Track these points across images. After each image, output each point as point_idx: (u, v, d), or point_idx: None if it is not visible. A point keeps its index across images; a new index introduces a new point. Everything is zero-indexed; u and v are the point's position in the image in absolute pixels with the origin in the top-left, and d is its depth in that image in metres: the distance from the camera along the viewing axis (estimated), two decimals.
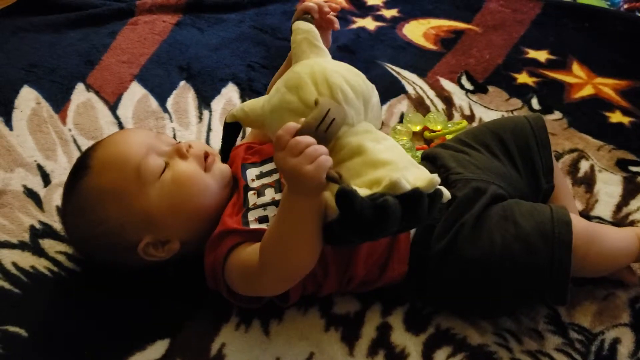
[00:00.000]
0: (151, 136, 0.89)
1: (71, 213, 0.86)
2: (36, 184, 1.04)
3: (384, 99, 1.21)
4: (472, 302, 0.84)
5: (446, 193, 0.70)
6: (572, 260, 0.79)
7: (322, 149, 0.68)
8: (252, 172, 0.89)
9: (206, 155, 0.88)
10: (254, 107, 0.80)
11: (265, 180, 0.87)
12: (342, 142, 0.72)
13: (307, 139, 0.68)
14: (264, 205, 0.84)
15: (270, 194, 0.85)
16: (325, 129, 0.69)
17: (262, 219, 0.82)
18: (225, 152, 0.91)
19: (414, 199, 0.66)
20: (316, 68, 0.76)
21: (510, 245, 0.80)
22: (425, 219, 0.69)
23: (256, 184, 0.87)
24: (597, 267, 0.86)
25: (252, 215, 0.83)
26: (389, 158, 0.71)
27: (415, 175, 0.69)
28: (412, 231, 0.84)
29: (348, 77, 0.75)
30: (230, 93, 1.23)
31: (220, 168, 0.88)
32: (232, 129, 0.88)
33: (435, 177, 0.68)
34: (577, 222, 0.83)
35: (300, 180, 0.67)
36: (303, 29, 0.83)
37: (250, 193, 0.86)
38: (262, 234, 0.77)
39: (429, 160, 0.94)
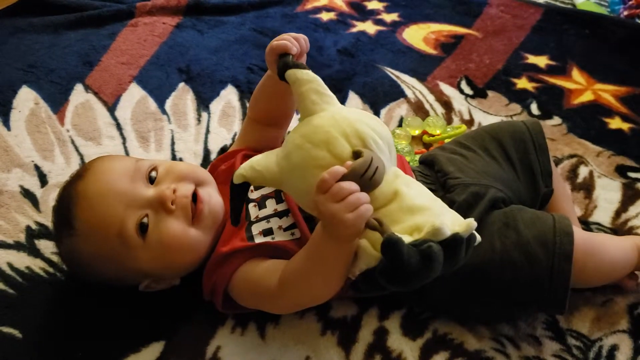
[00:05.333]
0: (129, 175, 0.82)
1: (67, 260, 0.86)
2: (33, 184, 1.03)
3: (383, 103, 1.22)
4: (469, 308, 0.84)
5: (478, 237, 0.69)
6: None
7: (365, 197, 0.66)
8: None
9: (196, 196, 0.82)
10: (268, 164, 0.73)
11: (264, 191, 0.86)
12: (380, 191, 0.70)
13: (351, 185, 0.65)
14: (266, 218, 0.83)
15: (271, 206, 0.84)
16: (371, 177, 0.67)
17: (267, 232, 0.81)
18: (237, 215, 0.77)
19: (455, 244, 0.65)
20: (340, 120, 0.71)
21: (510, 252, 0.79)
22: (462, 263, 0.68)
23: (255, 195, 0.86)
24: (595, 278, 0.86)
25: (255, 229, 0.82)
26: (424, 203, 0.69)
27: (453, 220, 0.68)
28: None
29: (372, 124, 0.72)
30: (229, 95, 1.23)
31: (212, 211, 0.83)
32: (240, 189, 0.75)
33: (472, 222, 0.67)
34: (579, 233, 0.83)
35: (338, 227, 0.66)
36: (305, 79, 0.74)
37: (251, 205, 0.85)
38: (268, 248, 0.78)
39: (427, 164, 0.94)
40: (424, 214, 0.68)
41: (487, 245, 0.80)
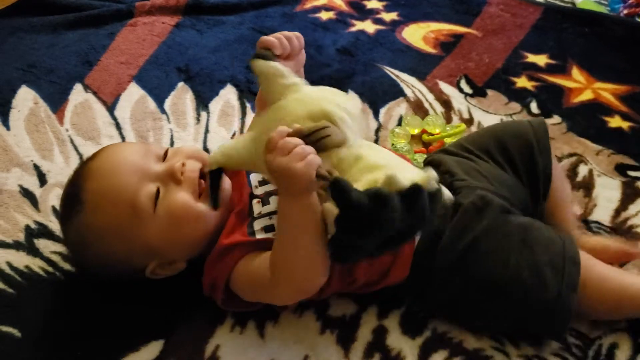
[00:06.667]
0: (141, 153, 0.85)
1: (74, 244, 0.86)
2: (32, 183, 1.03)
3: (382, 102, 1.21)
4: (470, 315, 0.84)
5: (447, 193, 0.69)
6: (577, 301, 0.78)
7: (310, 149, 0.68)
8: (254, 178, 0.88)
9: (203, 174, 0.84)
10: (237, 147, 0.76)
11: (269, 188, 0.85)
12: (341, 157, 0.72)
13: (296, 140, 0.69)
14: (269, 214, 0.83)
15: (275, 203, 0.84)
16: (316, 141, 0.70)
17: (269, 228, 0.81)
18: (216, 199, 0.82)
19: (413, 194, 0.65)
20: (307, 101, 0.74)
21: (522, 271, 0.79)
22: (430, 219, 0.68)
23: (260, 191, 0.86)
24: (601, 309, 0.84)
25: (257, 225, 0.82)
26: (384, 162, 0.71)
27: (413, 174, 0.68)
28: (416, 238, 0.82)
29: (339, 101, 0.74)
30: (228, 95, 1.23)
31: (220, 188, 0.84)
32: (214, 175, 0.79)
33: (432, 172, 0.67)
34: (586, 260, 0.82)
35: (291, 179, 0.68)
36: (267, 72, 0.76)
37: (255, 201, 0.85)
38: (269, 243, 0.77)
39: (433, 166, 0.92)
40: (382, 170, 0.69)
41: (501, 261, 0.79)
